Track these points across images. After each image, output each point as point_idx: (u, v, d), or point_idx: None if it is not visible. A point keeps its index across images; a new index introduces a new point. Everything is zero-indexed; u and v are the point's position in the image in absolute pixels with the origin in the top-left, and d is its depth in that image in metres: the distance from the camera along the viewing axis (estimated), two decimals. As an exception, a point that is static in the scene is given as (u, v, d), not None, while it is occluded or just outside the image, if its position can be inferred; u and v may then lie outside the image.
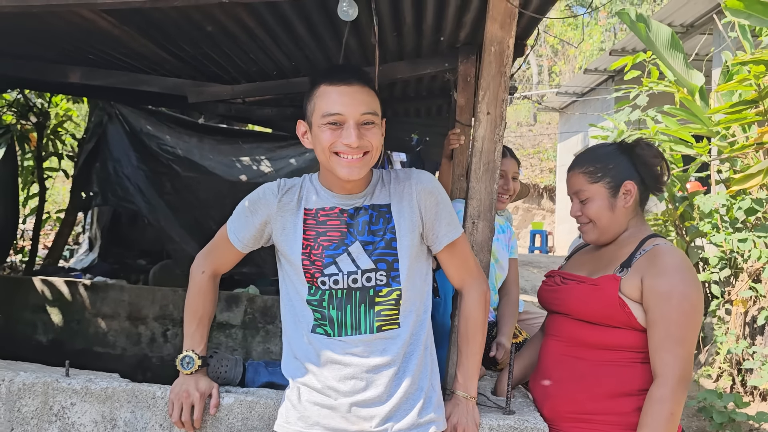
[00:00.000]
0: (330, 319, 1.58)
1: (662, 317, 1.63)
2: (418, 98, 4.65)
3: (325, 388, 1.57)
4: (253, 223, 1.68)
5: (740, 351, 4.07)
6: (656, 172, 1.83)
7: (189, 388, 1.71)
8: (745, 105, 3.97)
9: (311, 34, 2.90)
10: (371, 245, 1.58)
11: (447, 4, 2.65)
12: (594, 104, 12.50)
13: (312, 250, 1.59)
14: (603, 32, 19.37)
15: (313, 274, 1.58)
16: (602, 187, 1.81)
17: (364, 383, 1.55)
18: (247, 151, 6.26)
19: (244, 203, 1.70)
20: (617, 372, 1.71)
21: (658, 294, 1.64)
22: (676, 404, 1.59)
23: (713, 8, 8.08)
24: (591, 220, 1.83)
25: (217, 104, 4.69)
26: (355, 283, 1.57)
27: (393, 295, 1.58)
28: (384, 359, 1.56)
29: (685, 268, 1.67)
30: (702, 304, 1.69)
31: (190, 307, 1.80)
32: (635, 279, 1.69)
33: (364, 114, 1.54)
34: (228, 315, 4.71)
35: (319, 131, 1.54)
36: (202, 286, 1.79)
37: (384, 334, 1.57)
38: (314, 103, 1.56)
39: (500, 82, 1.91)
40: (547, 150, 18.28)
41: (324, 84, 1.55)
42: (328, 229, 1.60)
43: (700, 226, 4.31)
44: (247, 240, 1.71)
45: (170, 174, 5.92)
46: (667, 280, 1.64)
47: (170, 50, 3.19)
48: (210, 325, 1.83)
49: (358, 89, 1.55)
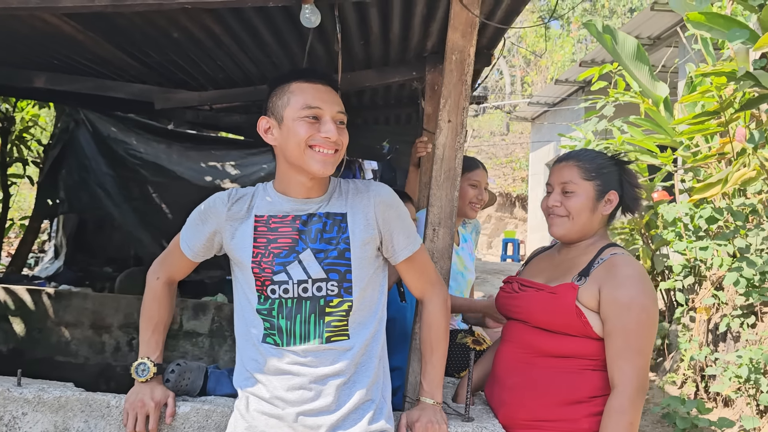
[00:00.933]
0: (279, 329, 1.56)
1: (621, 328, 1.65)
2: (388, 106, 4.68)
3: (273, 398, 1.55)
4: (203, 232, 1.67)
5: (703, 358, 4.14)
6: (637, 195, 1.87)
7: (144, 397, 1.68)
8: (707, 116, 4.06)
9: (277, 41, 2.90)
10: (323, 253, 1.56)
11: (413, 13, 2.67)
12: (565, 114, 12.68)
13: (262, 257, 1.57)
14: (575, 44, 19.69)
15: (263, 282, 1.56)
16: (592, 186, 1.82)
17: (312, 393, 1.53)
18: (217, 157, 6.22)
19: (195, 212, 1.69)
20: (570, 379, 1.72)
21: (618, 305, 1.66)
22: (635, 414, 1.62)
23: (679, 21, 8.26)
24: (569, 213, 1.82)
25: (185, 111, 4.66)
26: (305, 293, 1.55)
27: (344, 306, 1.56)
28: (333, 369, 1.55)
29: (642, 279, 1.69)
30: (657, 315, 1.72)
31: (145, 314, 1.78)
32: (593, 288, 1.70)
33: (339, 112, 1.57)
34: (195, 323, 4.65)
35: (295, 124, 1.54)
36: (157, 293, 1.77)
37: (334, 345, 1.55)
38: (288, 98, 1.56)
39: (461, 90, 1.93)
40: (520, 159, 18.47)
41: (298, 81, 1.57)
42: (279, 236, 1.59)
43: (664, 235, 4.38)
44: (197, 249, 1.69)
45: (138, 179, 5.86)
46: (626, 291, 1.66)
47: (136, 56, 3.16)
48: (166, 332, 1.80)
49: (331, 90, 1.59)
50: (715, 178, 3.54)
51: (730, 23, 3.64)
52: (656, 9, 7.99)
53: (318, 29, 2.65)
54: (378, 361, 1.63)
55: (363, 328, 1.60)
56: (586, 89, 11.38)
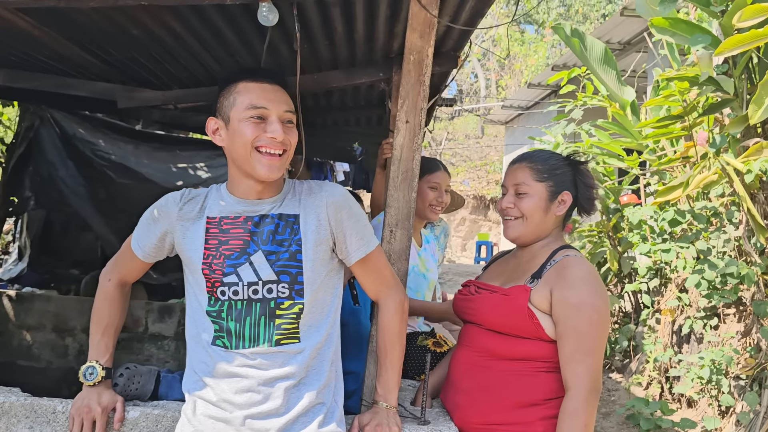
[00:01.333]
0: (228, 331, 1.53)
1: (573, 329, 1.65)
2: (358, 108, 4.65)
3: (221, 401, 1.53)
4: (154, 232, 1.64)
5: (667, 359, 4.19)
6: (591, 195, 1.87)
7: (90, 402, 1.64)
8: (671, 120, 4.11)
9: (240, 39, 2.86)
10: (274, 255, 1.55)
11: (376, 14, 2.65)
12: (537, 117, 12.79)
13: (213, 259, 1.55)
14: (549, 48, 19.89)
15: (213, 283, 1.54)
16: (545, 188, 1.83)
17: (260, 396, 1.51)
18: (185, 158, 6.14)
19: (148, 212, 1.67)
20: (523, 382, 1.72)
21: (569, 306, 1.66)
22: (588, 415, 1.62)
23: (647, 27, 8.39)
24: (522, 215, 1.83)
25: (152, 110, 4.58)
26: (255, 294, 1.53)
27: (295, 309, 1.54)
28: (282, 372, 1.53)
29: (592, 280, 1.69)
30: (609, 315, 1.73)
31: (95, 316, 1.75)
32: (544, 290, 1.70)
33: (286, 111, 1.55)
34: (161, 326, 4.59)
35: (240, 125, 1.52)
36: (108, 294, 1.74)
37: (283, 347, 1.53)
38: (234, 98, 1.54)
39: (419, 91, 1.92)
40: (494, 162, 18.60)
41: (245, 81, 1.55)
42: (231, 238, 1.57)
43: (629, 237, 4.43)
44: (148, 249, 1.66)
45: (104, 180, 5.75)
46: (576, 292, 1.66)
47: (96, 54, 3.09)
48: (117, 336, 1.77)
49: (278, 89, 1.57)
50: (676, 182, 3.59)
51: (692, 29, 3.69)
52: (625, 14, 8.10)
53: (281, 28, 2.62)
54: (330, 365, 1.61)
55: (314, 331, 1.58)
56: (557, 93, 11.50)
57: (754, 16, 3.10)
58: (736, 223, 3.75)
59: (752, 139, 3.56)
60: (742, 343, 3.81)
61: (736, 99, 3.72)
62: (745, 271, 3.31)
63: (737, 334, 3.93)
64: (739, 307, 4.07)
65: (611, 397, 4.68)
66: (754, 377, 3.68)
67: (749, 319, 3.88)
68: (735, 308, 4.07)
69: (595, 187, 1.89)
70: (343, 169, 7.32)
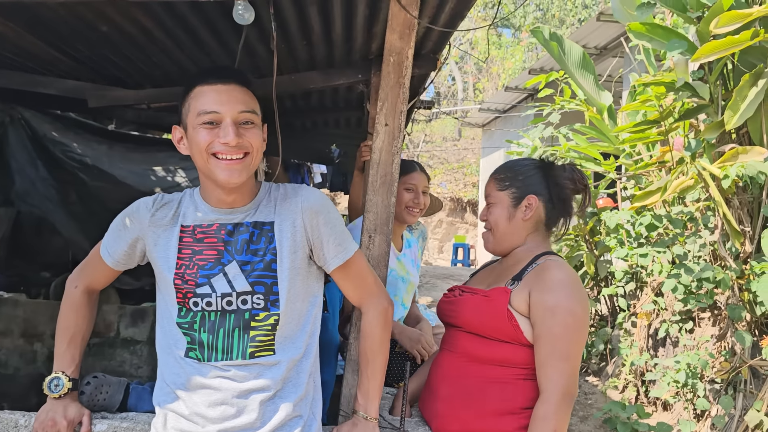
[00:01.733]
0: (200, 343, 1.47)
1: (548, 332, 1.62)
2: (336, 109, 4.60)
3: (193, 415, 1.46)
4: (125, 239, 1.57)
5: (643, 363, 4.20)
6: (565, 194, 1.83)
7: (55, 416, 1.57)
8: (648, 125, 4.13)
9: (215, 38, 2.79)
10: (249, 265, 1.48)
11: (354, 14, 2.61)
12: (514, 121, 12.85)
13: (186, 269, 1.48)
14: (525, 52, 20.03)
15: (185, 294, 1.47)
16: (506, 195, 1.82)
17: (234, 409, 1.45)
18: (161, 159, 6.01)
19: (119, 217, 1.60)
20: (502, 389, 1.69)
21: (544, 308, 1.63)
22: (559, 421, 1.58)
23: (624, 32, 8.47)
24: (492, 227, 1.84)
25: (126, 110, 4.48)
26: (229, 306, 1.47)
27: (270, 320, 1.48)
28: (257, 384, 1.47)
29: (571, 284, 1.66)
30: (587, 320, 1.68)
31: (61, 324, 1.67)
32: (524, 292, 1.67)
33: (242, 112, 1.47)
34: (133, 330, 4.48)
35: (195, 132, 1.45)
36: (74, 302, 1.66)
37: (258, 360, 1.47)
38: (189, 105, 1.47)
39: (399, 93, 1.88)
40: (471, 165, 18.66)
41: (199, 85, 1.48)
42: (205, 248, 1.50)
43: (606, 241, 4.44)
44: (118, 256, 1.59)
45: (76, 183, 5.61)
46: (553, 295, 1.63)
47: (65, 51, 2.99)
48: (84, 345, 1.69)
49: (234, 88, 1.48)
50: (654, 186, 3.60)
51: (669, 34, 3.71)
52: (602, 20, 8.17)
53: (258, 28, 2.56)
54: (308, 377, 1.56)
55: (290, 343, 1.52)
56: (534, 96, 11.57)
57: (730, 23, 3.12)
58: (711, 228, 3.78)
59: (727, 145, 3.58)
60: (717, 347, 3.84)
61: (711, 105, 3.75)
62: (721, 275, 3.32)
63: (712, 338, 3.95)
64: (713, 311, 4.10)
65: (588, 400, 4.69)
66: (728, 381, 3.70)
67: (724, 323, 3.91)
68: (710, 312, 4.10)
69: (567, 185, 1.84)
70: (320, 171, 7.26)
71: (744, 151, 3.33)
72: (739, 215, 3.73)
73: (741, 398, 3.57)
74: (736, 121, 3.35)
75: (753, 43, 3.26)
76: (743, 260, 3.66)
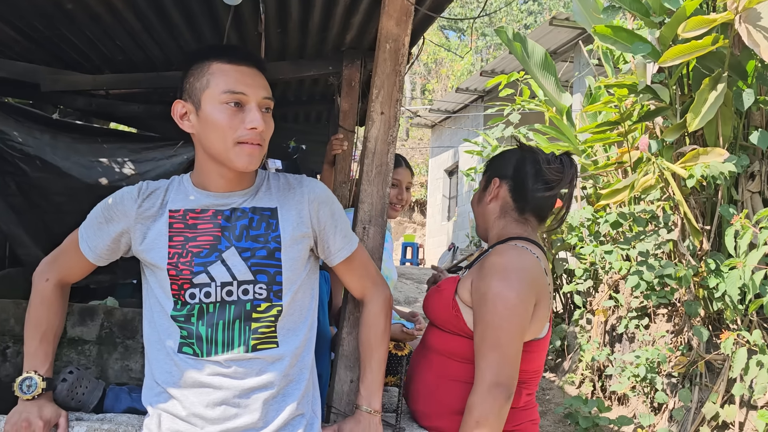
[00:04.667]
0: (198, 337, 1.37)
1: (480, 320, 1.55)
2: (299, 103, 4.50)
3: (191, 416, 1.36)
4: (108, 233, 1.45)
5: (603, 358, 4.30)
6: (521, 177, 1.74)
7: (30, 417, 1.43)
8: (608, 126, 4.23)
9: (188, 23, 2.68)
10: (249, 252, 1.39)
11: (336, 2, 2.55)
12: (464, 121, 13.00)
13: (179, 257, 1.37)
14: (473, 54, 20.33)
15: (180, 285, 1.36)
16: (483, 180, 1.83)
17: (236, 410, 1.36)
18: (109, 151, 5.74)
19: (99, 208, 1.47)
20: (457, 387, 1.63)
21: (479, 295, 1.57)
22: (485, 411, 1.47)
23: (574, 37, 8.70)
24: None
25: (76, 97, 4.24)
26: (229, 296, 1.37)
27: (272, 312, 1.40)
28: (260, 381, 1.38)
29: (507, 269, 1.57)
30: (524, 307, 1.55)
31: (31, 320, 1.53)
32: (468, 281, 1.63)
33: (265, 98, 1.39)
34: (81, 330, 4.23)
35: (214, 110, 1.35)
36: (45, 296, 1.53)
37: (261, 353, 1.38)
38: (207, 80, 1.36)
39: (395, 81, 1.83)
40: (419, 165, 18.77)
41: (219, 62, 1.38)
42: (199, 234, 1.40)
43: (567, 239, 4.52)
44: (100, 251, 1.47)
45: (16, 173, 5.30)
46: (486, 281, 1.56)
47: (21, 29, 2.81)
48: (57, 342, 1.56)
49: (257, 72, 1.41)
50: (621, 185, 3.68)
51: (633, 37, 3.81)
52: (554, 24, 8.35)
53: (235, 14, 2.46)
54: (309, 372, 1.48)
55: (293, 334, 1.44)
56: (485, 98, 11.73)
57: (697, 27, 3.22)
58: (670, 226, 3.90)
59: (687, 146, 3.70)
60: (673, 342, 3.96)
61: (670, 107, 3.86)
62: (683, 272, 3.43)
63: (668, 333, 4.07)
64: (668, 308, 4.23)
65: (546, 396, 4.76)
66: (684, 375, 3.82)
67: (679, 318, 4.04)
68: (665, 308, 4.23)
69: (527, 169, 1.74)
70: (275, 167, 7.11)
71: (705, 152, 3.45)
72: (696, 214, 3.86)
73: (697, 391, 3.69)
74: (698, 123, 3.46)
75: (713, 48, 3.38)
76: (699, 258, 3.79)
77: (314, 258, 1.54)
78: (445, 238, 14.31)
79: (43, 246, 4.87)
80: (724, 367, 3.67)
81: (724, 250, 3.65)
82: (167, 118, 1.44)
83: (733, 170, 3.35)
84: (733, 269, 3.12)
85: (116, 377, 3.68)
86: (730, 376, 3.54)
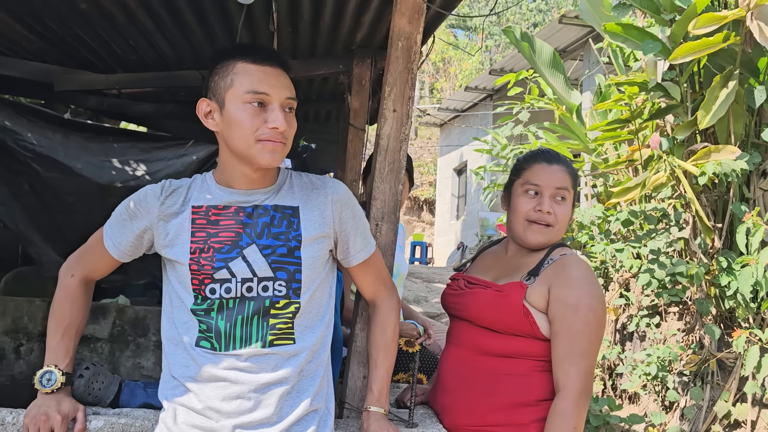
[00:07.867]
0: (217, 332, 1.39)
1: (567, 329, 1.62)
2: (308, 101, 4.53)
3: (206, 409, 1.38)
4: (131, 230, 1.48)
5: (615, 356, 4.29)
6: None
7: (48, 410, 1.46)
8: (619, 123, 4.21)
9: (200, 21, 2.69)
10: (270, 249, 1.42)
11: (347, 0, 2.56)
12: (473, 120, 12.98)
13: (201, 252, 1.40)
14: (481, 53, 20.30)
15: (201, 280, 1.39)
16: (574, 195, 1.79)
17: (251, 403, 1.38)
18: (120, 151, 5.78)
19: (123, 206, 1.50)
20: (516, 382, 1.67)
21: (565, 305, 1.63)
22: (578, 418, 1.58)
23: (584, 35, 8.67)
24: (557, 222, 1.74)
25: (88, 96, 4.28)
26: (249, 292, 1.40)
27: (290, 308, 1.43)
28: (276, 376, 1.40)
29: (591, 281, 1.67)
30: (605, 318, 1.69)
31: (55, 315, 1.56)
32: (542, 288, 1.67)
33: (288, 98, 1.41)
34: (94, 327, 4.28)
35: (237, 110, 1.38)
36: (70, 292, 1.55)
37: (277, 349, 1.41)
38: (231, 80, 1.39)
39: (407, 78, 1.84)
40: (428, 164, 18.77)
41: (243, 61, 1.40)
42: (221, 230, 1.42)
43: (578, 238, 4.51)
44: (124, 247, 1.50)
45: (29, 173, 5.35)
46: (574, 292, 1.63)
47: (35, 29, 2.83)
48: (79, 338, 1.59)
49: (281, 72, 1.43)
50: (632, 183, 3.67)
51: (643, 35, 3.79)
52: (564, 22, 8.33)
53: (246, 14, 2.48)
54: (324, 369, 1.50)
55: (310, 331, 1.46)
56: (494, 97, 11.72)
57: (708, 24, 3.21)
58: (681, 224, 3.88)
59: (698, 144, 3.68)
60: (685, 340, 3.94)
61: (681, 105, 3.85)
62: (694, 270, 3.42)
63: (679, 332, 4.06)
64: (680, 306, 4.21)
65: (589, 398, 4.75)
66: (696, 373, 3.81)
67: (691, 316, 4.02)
68: (676, 306, 4.21)
69: None
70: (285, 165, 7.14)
71: (716, 149, 3.43)
72: (707, 212, 3.84)
73: (708, 389, 3.68)
74: (708, 120, 3.45)
75: (724, 45, 3.36)
76: (711, 256, 3.78)
77: (332, 258, 1.57)
78: (454, 237, 14.31)
79: (54, 245, 4.92)
80: (736, 365, 3.65)
81: (735, 248, 3.63)
82: (178, 118, 1.47)
83: (745, 168, 3.33)
84: (745, 267, 3.11)
85: (128, 374, 3.72)
86: (742, 374, 3.52)
